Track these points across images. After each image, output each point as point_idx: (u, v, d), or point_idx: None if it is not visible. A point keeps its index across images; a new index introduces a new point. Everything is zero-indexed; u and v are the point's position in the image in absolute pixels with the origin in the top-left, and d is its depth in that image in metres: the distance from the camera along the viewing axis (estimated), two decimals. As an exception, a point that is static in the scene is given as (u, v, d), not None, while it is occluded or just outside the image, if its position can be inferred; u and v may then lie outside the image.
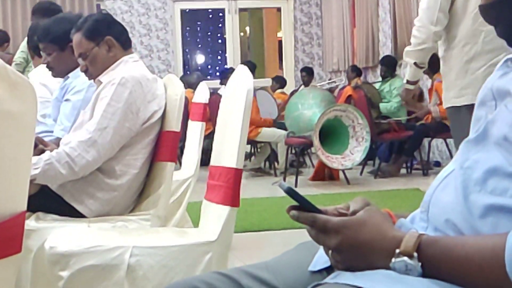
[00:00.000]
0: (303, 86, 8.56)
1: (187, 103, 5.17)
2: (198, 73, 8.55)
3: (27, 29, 3.64)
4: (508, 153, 0.85)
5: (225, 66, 10.22)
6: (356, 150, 5.86)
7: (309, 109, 6.33)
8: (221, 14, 10.89)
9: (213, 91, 6.49)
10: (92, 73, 2.31)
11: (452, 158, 0.99)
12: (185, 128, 3.56)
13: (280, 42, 10.79)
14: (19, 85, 0.97)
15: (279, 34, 11.33)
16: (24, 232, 1.05)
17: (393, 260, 0.84)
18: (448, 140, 6.44)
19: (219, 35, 13.27)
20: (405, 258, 0.83)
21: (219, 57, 14.17)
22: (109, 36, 2.28)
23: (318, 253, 1.03)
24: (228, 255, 1.93)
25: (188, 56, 13.44)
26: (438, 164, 7.13)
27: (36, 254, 2.00)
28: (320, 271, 1.00)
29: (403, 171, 6.75)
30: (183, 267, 1.77)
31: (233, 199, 1.82)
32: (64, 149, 2.05)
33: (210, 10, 11.76)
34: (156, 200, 2.23)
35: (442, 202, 0.92)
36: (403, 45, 7.02)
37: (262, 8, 11.99)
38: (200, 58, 14.68)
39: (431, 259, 0.83)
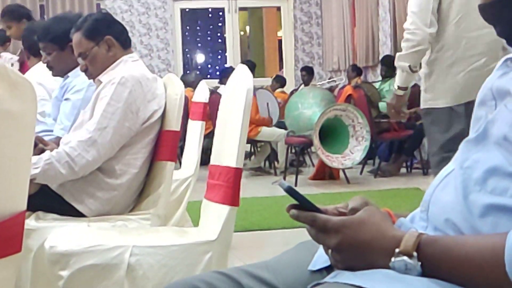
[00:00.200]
0: (303, 86, 8.55)
1: (187, 102, 5.17)
2: (197, 71, 8.54)
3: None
4: (508, 153, 0.84)
5: (225, 65, 10.21)
6: (356, 149, 5.86)
7: (309, 109, 6.33)
8: (221, 13, 10.89)
9: (213, 90, 6.49)
10: (92, 73, 2.31)
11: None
12: (185, 127, 3.56)
13: (280, 41, 10.78)
14: (19, 84, 0.96)
15: (279, 33, 11.33)
16: (24, 232, 1.05)
17: (392, 259, 0.84)
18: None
19: (219, 34, 13.29)
20: (405, 257, 0.83)
21: (219, 56, 14.19)
22: (109, 35, 2.28)
23: (318, 253, 1.03)
24: (228, 254, 1.92)
25: (188, 55, 13.45)
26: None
27: (36, 254, 2.00)
28: (320, 271, 1.00)
29: (403, 170, 6.75)
30: (183, 266, 1.77)
31: (233, 198, 1.81)
32: (64, 149, 2.06)
33: (210, 9, 11.76)
34: (156, 199, 2.23)
35: (442, 202, 0.92)
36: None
37: (262, 7, 11.99)
38: (200, 57, 14.70)
39: (430, 259, 0.83)
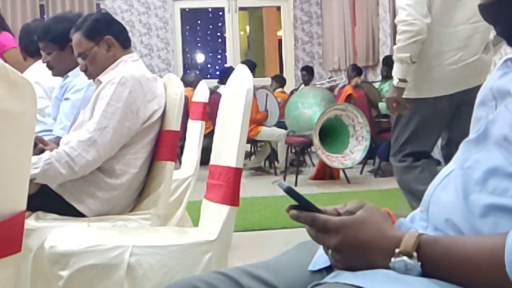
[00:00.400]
0: (303, 85, 8.55)
1: (187, 102, 5.17)
2: (197, 71, 8.54)
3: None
4: (508, 153, 0.84)
5: (225, 65, 10.20)
6: (356, 149, 5.86)
7: (309, 108, 6.32)
8: (221, 13, 10.88)
9: (212, 90, 6.49)
10: (92, 73, 2.31)
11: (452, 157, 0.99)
12: (185, 127, 3.56)
13: (280, 41, 10.78)
14: (19, 84, 0.96)
15: (279, 33, 11.32)
16: (24, 232, 1.05)
17: (392, 259, 0.84)
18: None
19: (219, 34, 13.28)
20: (405, 257, 0.83)
21: (219, 56, 14.18)
22: (109, 35, 2.28)
23: (318, 253, 1.03)
24: (228, 254, 1.92)
25: (188, 55, 13.44)
26: (438, 163, 7.12)
27: (36, 254, 2.00)
28: (320, 271, 1.00)
29: (403, 170, 6.73)
30: (183, 266, 1.76)
31: (233, 198, 1.81)
32: (64, 149, 2.05)
33: (210, 9, 11.75)
34: (156, 199, 2.23)
35: (442, 202, 0.92)
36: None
37: (262, 7, 11.98)
38: (200, 57, 14.69)
39: (430, 259, 0.83)
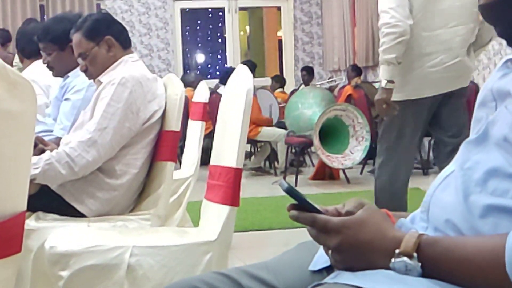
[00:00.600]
0: (303, 85, 8.55)
1: (187, 102, 5.17)
2: (197, 71, 8.54)
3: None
4: (509, 154, 0.84)
5: (225, 65, 10.19)
6: (356, 149, 5.86)
7: (309, 109, 6.32)
8: (221, 13, 10.88)
9: (213, 91, 6.49)
10: (92, 73, 2.31)
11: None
12: (185, 128, 3.56)
13: (280, 41, 10.78)
14: (19, 84, 0.96)
15: (279, 33, 11.32)
16: (24, 232, 1.05)
17: (393, 260, 0.84)
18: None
19: (219, 34, 13.28)
20: (405, 258, 0.83)
21: (219, 56, 14.19)
22: (109, 35, 2.28)
23: (318, 253, 1.03)
24: (228, 254, 1.92)
25: (188, 55, 13.44)
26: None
27: (36, 254, 2.00)
28: (320, 271, 1.00)
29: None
30: (183, 266, 1.76)
31: (233, 198, 1.81)
32: (64, 149, 2.05)
33: (210, 9, 11.76)
34: (156, 199, 2.23)
35: (442, 202, 0.92)
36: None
37: (262, 7, 11.99)
38: (200, 58, 14.69)
39: (431, 259, 0.83)
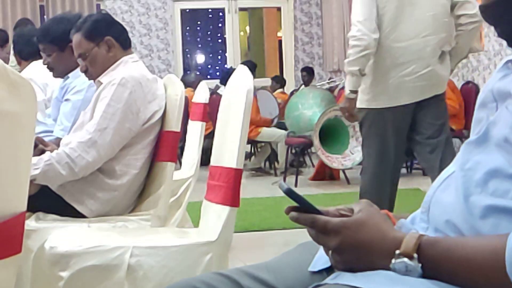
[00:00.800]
0: (303, 86, 8.55)
1: (187, 102, 5.16)
2: (197, 72, 8.55)
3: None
4: (509, 155, 0.84)
5: (225, 65, 10.19)
6: (356, 150, 5.85)
7: (309, 109, 6.32)
8: (221, 14, 10.88)
9: (213, 91, 6.49)
10: (92, 74, 2.31)
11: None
12: (185, 128, 3.55)
13: (280, 42, 10.78)
14: (19, 85, 0.97)
15: (279, 34, 11.33)
16: (24, 232, 1.05)
17: (393, 261, 0.84)
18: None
19: (219, 34, 13.28)
20: (405, 259, 0.83)
21: (219, 57, 14.19)
22: (109, 36, 2.28)
23: (318, 254, 1.03)
24: (228, 255, 1.92)
25: (188, 55, 13.45)
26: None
27: (36, 254, 2.00)
28: (320, 272, 1.00)
29: (403, 171, 6.73)
30: (183, 267, 1.76)
31: (233, 199, 1.81)
32: (64, 150, 2.05)
33: (210, 10, 11.75)
34: (156, 200, 2.23)
35: (442, 203, 0.92)
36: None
37: (262, 8, 11.99)
38: (200, 58, 14.70)
39: (431, 260, 0.83)
